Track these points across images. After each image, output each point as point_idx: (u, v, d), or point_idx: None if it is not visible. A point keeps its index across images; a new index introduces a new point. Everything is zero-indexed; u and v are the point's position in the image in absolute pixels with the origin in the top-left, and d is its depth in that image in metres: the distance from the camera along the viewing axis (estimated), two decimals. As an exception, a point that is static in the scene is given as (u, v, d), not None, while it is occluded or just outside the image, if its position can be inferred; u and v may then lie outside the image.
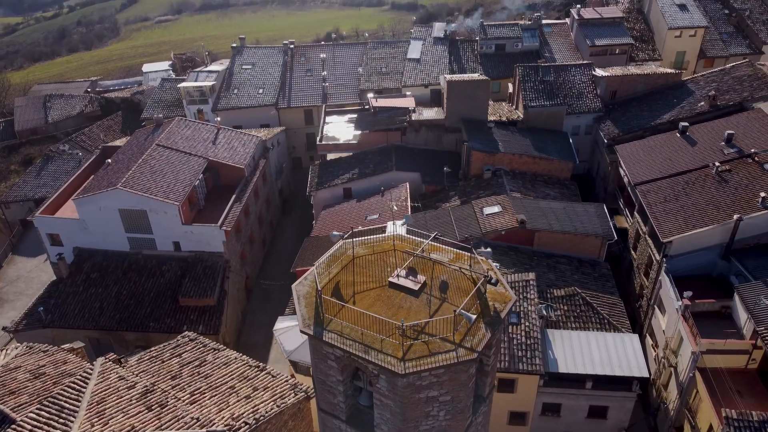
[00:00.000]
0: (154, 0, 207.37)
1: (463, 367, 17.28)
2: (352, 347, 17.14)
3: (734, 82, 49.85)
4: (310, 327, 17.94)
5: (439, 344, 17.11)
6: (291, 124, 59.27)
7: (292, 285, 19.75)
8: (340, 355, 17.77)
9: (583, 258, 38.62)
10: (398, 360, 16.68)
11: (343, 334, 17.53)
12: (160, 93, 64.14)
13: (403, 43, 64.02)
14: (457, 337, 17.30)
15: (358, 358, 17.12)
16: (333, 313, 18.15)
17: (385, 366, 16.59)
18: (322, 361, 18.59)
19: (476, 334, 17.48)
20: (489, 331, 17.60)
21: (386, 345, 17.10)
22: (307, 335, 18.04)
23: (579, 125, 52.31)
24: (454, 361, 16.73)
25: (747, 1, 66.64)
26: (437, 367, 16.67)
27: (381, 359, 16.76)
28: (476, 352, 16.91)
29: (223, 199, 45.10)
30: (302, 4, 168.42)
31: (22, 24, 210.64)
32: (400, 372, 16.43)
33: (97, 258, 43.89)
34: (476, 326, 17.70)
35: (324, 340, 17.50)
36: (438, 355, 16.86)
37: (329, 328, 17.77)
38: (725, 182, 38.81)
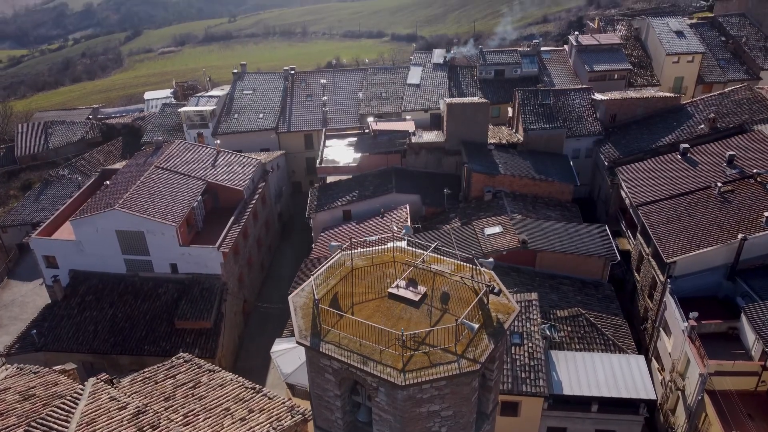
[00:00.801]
0: (157, 33, 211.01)
1: (466, 380, 16.63)
2: (350, 358, 16.52)
3: (733, 106, 49.95)
4: (307, 338, 17.35)
5: (440, 355, 16.50)
6: (291, 148, 59.27)
7: (289, 296, 19.24)
8: (337, 367, 17.13)
9: (586, 279, 38.03)
10: (398, 371, 16.05)
11: (341, 345, 16.93)
12: (160, 118, 64.36)
13: (403, 69, 64.51)
14: (459, 348, 16.70)
15: (357, 369, 16.49)
16: (331, 323, 17.58)
17: (384, 377, 15.95)
18: (320, 375, 17.93)
19: (479, 345, 16.88)
20: (492, 342, 17.00)
21: (385, 356, 16.49)
22: (303, 346, 17.45)
23: (579, 148, 52.25)
24: (456, 372, 16.10)
25: (743, 29, 67.35)
26: (438, 378, 16.03)
27: (380, 370, 16.12)
28: (479, 364, 16.29)
29: (222, 221, 44.69)
30: (303, 36, 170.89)
31: (27, 56, 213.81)
32: (400, 383, 15.79)
33: (92, 280, 43.28)
34: (479, 337, 17.11)
35: (321, 351, 16.89)
36: (439, 366, 16.24)
37: (327, 339, 17.18)
38: (728, 202, 38.46)
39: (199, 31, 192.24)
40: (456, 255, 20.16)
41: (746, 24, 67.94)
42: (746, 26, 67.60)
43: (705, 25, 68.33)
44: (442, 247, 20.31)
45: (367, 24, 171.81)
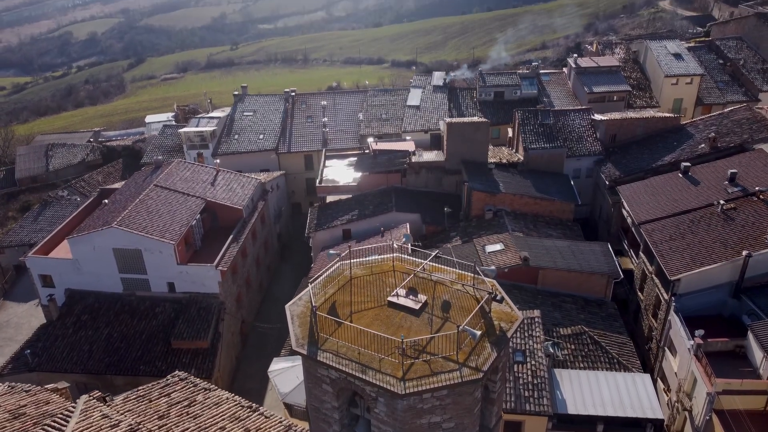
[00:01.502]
0: (160, 60, 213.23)
1: (468, 389, 16.07)
2: (348, 367, 16.00)
3: (733, 125, 49.97)
4: (304, 346, 16.84)
5: (441, 364, 15.98)
6: (291, 169, 59.19)
7: (286, 305, 18.77)
8: (335, 377, 16.58)
9: (588, 297, 37.48)
10: (398, 380, 15.52)
11: (339, 353, 16.42)
12: (160, 139, 64.44)
13: (403, 91, 64.82)
14: (461, 356, 16.18)
15: (355, 378, 15.95)
16: (328, 332, 17.09)
17: (384, 386, 15.40)
18: (317, 386, 17.37)
19: (481, 354, 16.36)
20: (495, 350, 16.50)
21: (385, 364, 15.96)
22: (300, 355, 16.92)
23: (579, 168, 52.12)
24: (458, 380, 15.56)
25: (741, 52, 67.85)
26: (440, 387, 15.48)
27: (379, 379, 15.59)
28: (482, 372, 15.76)
29: (220, 240, 44.30)
30: (305, 63, 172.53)
31: (30, 83, 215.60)
32: (400, 392, 15.24)
33: (89, 300, 42.71)
34: (481, 345, 16.61)
35: (318, 360, 16.37)
36: (441, 374, 15.71)
37: (324, 347, 16.67)
38: (731, 220, 38.12)
39: (202, 58, 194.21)
40: (457, 263, 19.74)
41: (743, 47, 68.48)
42: (743, 49, 68.13)
43: (702, 48, 68.86)
44: (442, 255, 19.93)
45: (368, 51, 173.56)
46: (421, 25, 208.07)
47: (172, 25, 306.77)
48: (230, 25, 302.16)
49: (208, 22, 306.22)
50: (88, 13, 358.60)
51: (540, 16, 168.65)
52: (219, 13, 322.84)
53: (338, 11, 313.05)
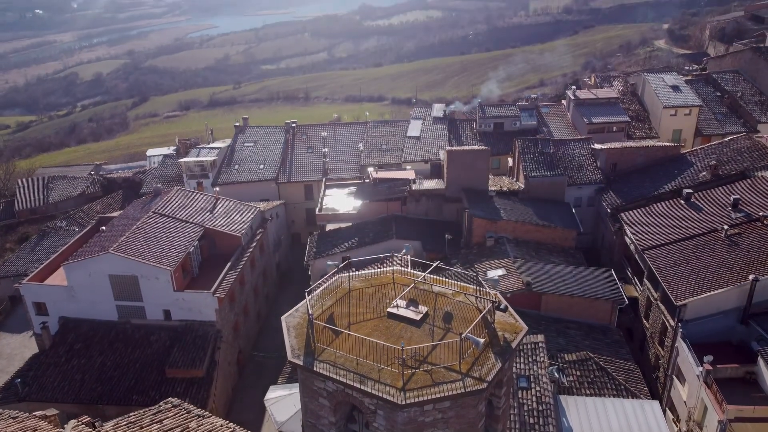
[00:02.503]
0: (163, 99, 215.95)
1: (472, 401, 15.35)
2: (345, 377, 15.32)
3: (734, 154, 49.92)
4: (300, 357, 16.18)
5: (443, 374, 15.31)
6: (291, 198, 58.97)
7: (282, 317, 18.16)
8: (333, 389, 15.87)
9: (593, 324, 36.64)
10: (398, 390, 14.83)
11: (337, 363, 15.76)
12: (161, 169, 64.47)
13: (403, 122, 65.11)
14: (463, 366, 15.53)
15: (353, 389, 15.25)
16: (326, 342, 16.46)
17: (383, 396, 14.71)
18: (313, 400, 16.62)
19: (485, 364, 15.70)
20: (499, 361, 15.83)
21: (384, 374, 15.29)
22: (296, 366, 16.23)
23: (581, 197, 51.86)
24: (461, 391, 14.86)
25: (738, 84, 68.46)
26: (442, 397, 14.78)
27: (378, 389, 14.90)
28: (485, 382, 15.07)
29: (218, 268, 43.65)
30: (306, 101, 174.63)
31: (35, 122, 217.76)
32: (400, 402, 14.53)
33: (82, 328, 41.83)
34: (485, 355, 15.95)
35: (315, 371, 15.69)
36: (443, 384, 15.02)
37: (321, 358, 16.02)
38: (736, 245, 37.60)
39: (205, 97, 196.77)
40: (459, 274, 19.21)
41: (740, 80, 69.14)
42: (740, 82, 68.77)
43: (700, 81, 69.53)
44: (443, 266, 19.40)
45: (368, 89, 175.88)
46: (422, 64, 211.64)
47: (176, 66, 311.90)
48: (233, 66, 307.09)
49: (212, 63, 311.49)
50: (95, 55, 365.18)
51: (538, 56, 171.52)
52: (223, 54, 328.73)
53: (339, 52, 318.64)
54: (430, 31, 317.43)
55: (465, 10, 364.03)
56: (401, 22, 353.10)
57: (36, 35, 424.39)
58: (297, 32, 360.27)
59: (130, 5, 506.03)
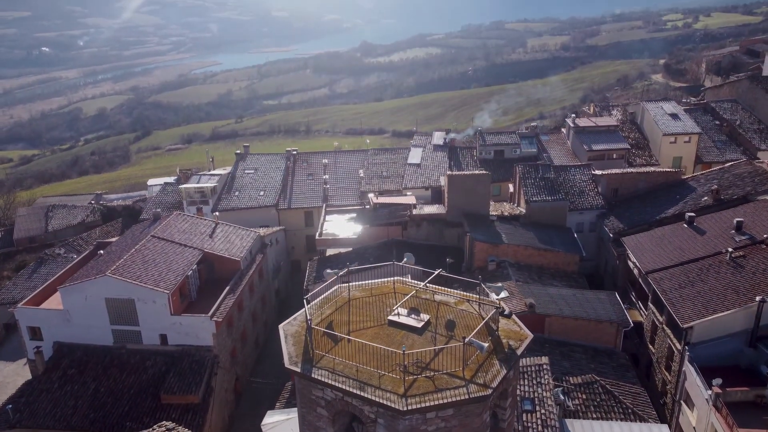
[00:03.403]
0: (166, 132, 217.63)
1: (476, 409, 14.75)
2: (345, 384, 14.76)
3: (735, 179, 49.81)
4: (298, 364, 15.64)
5: (446, 380, 14.76)
6: (291, 225, 58.69)
7: (280, 325, 17.66)
8: (331, 398, 15.28)
9: (598, 347, 35.90)
10: (399, 396, 14.26)
11: (336, 370, 15.21)
12: (161, 196, 64.37)
13: (404, 150, 65.34)
14: (467, 373, 14.98)
15: (352, 397, 14.67)
16: (325, 349, 15.94)
17: (384, 402, 14.13)
18: (311, 411, 16.00)
19: (490, 371, 15.15)
20: (504, 367, 15.28)
21: (385, 381, 14.74)
22: (293, 373, 15.68)
23: (582, 222, 51.57)
24: (465, 397, 14.29)
25: (736, 113, 68.89)
26: (445, 404, 14.20)
27: (379, 396, 14.33)
28: (490, 388, 14.51)
29: (217, 293, 43.04)
30: (307, 134, 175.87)
31: (37, 155, 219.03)
32: (401, 408, 13.95)
33: (77, 353, 41.01)
34: (489, 362, 15.41)
35: (313, 378, 15.13)
36: (446, 391, 14.46)
37: (320, 365, 15.48)
38: (741, 267, 37.10)
39: (207, 131, 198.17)
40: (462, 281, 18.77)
41: (739, 109, 69.59)
42: (739, 111, 69.20)
43: (698, 109, 69.98)
44: (445, 273, 18.96)
45: (369, 123, 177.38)
46: (421, 99, 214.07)
47: (179, 101, 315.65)
48: (236, 102, 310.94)
49: (215, 98, 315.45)
50: (99, 91, 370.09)
51: (536, 90, 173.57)
52: (226, 90, 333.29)
53: (340, 88, 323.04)
54: (429, 67, 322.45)
55: (464, 47, 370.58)
56: (401, 59, 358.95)
57: (42, 72, 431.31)
58: (299, 69, 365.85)
59: (135, 43, 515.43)
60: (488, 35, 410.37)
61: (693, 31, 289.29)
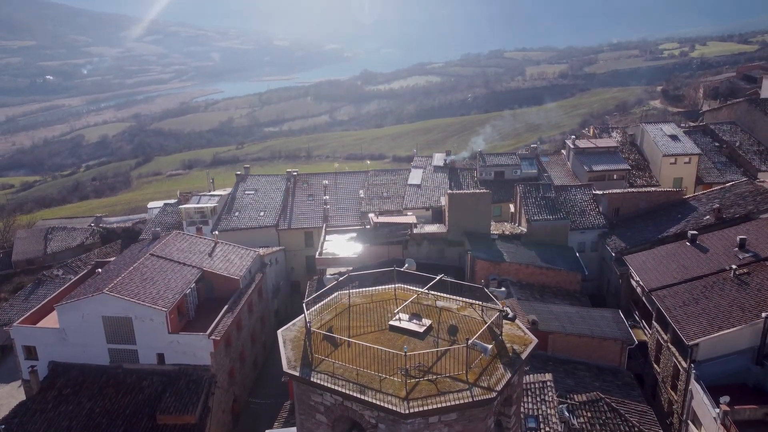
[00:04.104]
0: (167, 159, 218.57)
1: (480, 414, 14.31)
2: (345, 387, 14.34)
3: (736, 198, 49.69)
4: (297, 368, 15.24)
5: (449, 383, 14.35)
6: (291, 245, 58.38)
7: (278, 330, 17.28)
8: (330, 403, 14.85)
9: (602, 365, 35.29)
10: (401, 399, 13.84)
11: (336, 374, 14.81)
12: (161, 216, 64.21)
13: (404, 171, 65.38)
14: (470, 376, 14.58)
15: (352, 401, 14.25)
16: (324, 353, 15.55)
17: (385, 406, 13.71)
18: (310, 417, 15.54)
19: (494, 374, 14.76)
20: (509, 371, 14.88)
21: (386, 384, 14.34)
22: (292, 378, 15.26)
23: (584, 242, 51.29)
24: (469, 400, 13.86)
25: (735, 135, 69.11)
26: (449, 407, 13.78)
27: (380, 399, 13.91)
28: (495, 391, 14.09)
29: (215, 312, 42.52)
30: (308, 159, 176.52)
31: (39, 181, 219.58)
32: (403, 412, 13.52)
33: (72, 373, 40.33)
34: (493, 366, 15.02)
35: (311, 381, 14.72)
36: (449, 394, 14.04)
37: (319, 369, 15.08)
38: (745, 284, 36.73)
39: (208, 157, 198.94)
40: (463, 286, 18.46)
41: (738, 131, 69.85)
42: (738, 132, 69.45)
43: (698, 131, 70.25)
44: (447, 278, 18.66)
45: (369, 148, 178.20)
46: (422, 125, 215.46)
47: (181, 128, 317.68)
48: (237, 129, 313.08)
49: (216, 125, 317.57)
50: (101, 118, 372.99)
51: (536, 115, 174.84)
52: (227, 117, 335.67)
53: (341, 115, 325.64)
54: (430, 95, 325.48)
55: (464, 75, 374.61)
56: (402, 87, 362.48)
57: (45, 99, 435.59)
58: (299, 96, 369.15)
59: (138, 71, 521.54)
60: (487, 63, 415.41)
61: (690, 59, 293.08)
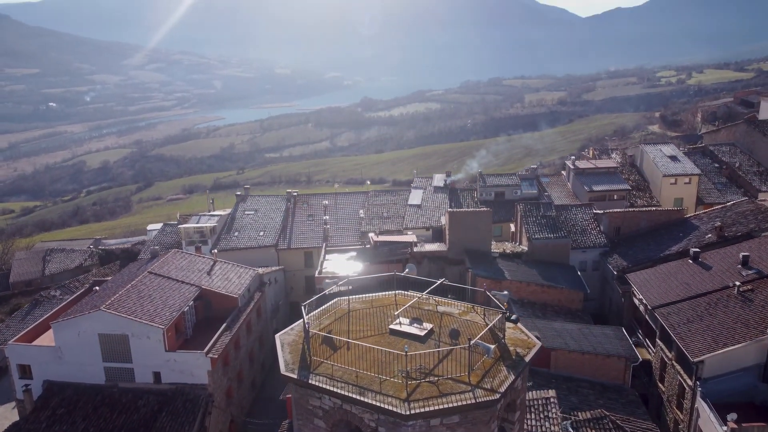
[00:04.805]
0: (167, 184, 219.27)
1: (483, 417, 13.89)
2: (344, 389, 13.96)
3: (738, 217, 49.51)
4: (294, 371, 14.86)
5: (451, 385, 13.98)
6: (290, 266, 57.97)
7: (276, 335, 16.92)
8: (329, 407, 14.45)
9: (606, 383, 34.66)
10: (401, 401, 13.46)
11: (335, 376, 14.44)
12: (160, 236, 63.94)
13: (404, 191, 65.34)
14: (473, 378, 14.21)
15: (352, 403, 13.85)
16: (323, 356, 15.18)
17: (385, 407, 13.31)
18: (308, 423, 15.10)
19: (497, 376, 14.39)
20: (512, 373, 14.51)
21: (386, 386, 13.97)
22: (289, 381, 14.87)
23: (585, 261, 50.95)
24: (472, 401, 13.47)
25: (735, 156, 69.23)
26: (451, 408, 13.38)
27: (380, 401, 13.52)
28: (498, 393, 13.71)
29: (213, 330, 41.96)
30: (308, 184, 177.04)
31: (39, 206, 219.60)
32: (404, 413, 13.12)
33: (67, 392, 39.60)
34: (496, 368, 14.66)
35: (310, 384, 14.34)
36: (451, 396, 13.65)
37: (318, 371, 14.71)
38: (750, 301, 36.31)
39: (208, 182, 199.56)
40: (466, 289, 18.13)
41: (737, 152, 70.01)
42: (737, 154, 69.59)
43: (697, 153, 70.40)
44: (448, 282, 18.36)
45: (369, 173, 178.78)
46: (421, 150, 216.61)
47: (182, 154, 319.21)
48: (238, 155, 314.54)
49: (217, 151, 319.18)
50: (103, 144, 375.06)
51: (535, 141, 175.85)
52: (228, 143, 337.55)
53: (341, 141, 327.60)
54: (429, 121, 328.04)
55: (463, 102, 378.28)
56: (402, 114, 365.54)
57: (48, 126, 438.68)
58: (300, 123, 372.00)
59: (141, 98, 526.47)
60: (486, 91, 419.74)
61: (687, 86, 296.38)
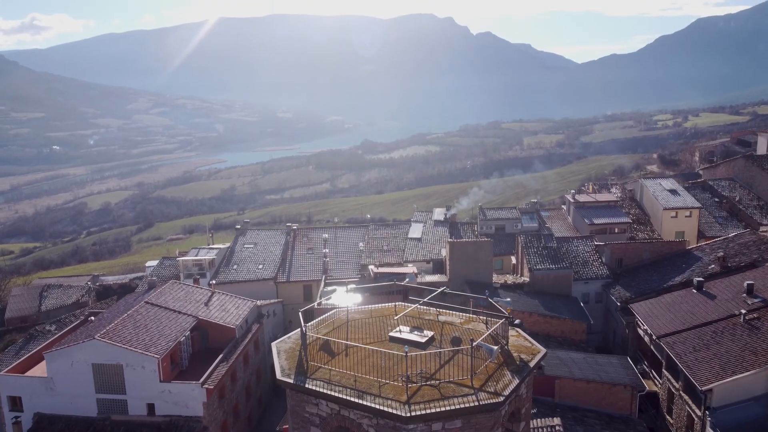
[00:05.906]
0: (168, 224, 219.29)
1: (486, 422, 13.32)
2: (342, 393, 13.43)
3: (740, 248, 49.19)
4: (291, 376, 14.34)
5: (453, 389, 13.46)
6: (289, 299, 57.22)
7: (273, 343, 16.42)
8: (326, 413, 13.88)
9: (613, 413, 33.66)
10: (401, 404, 12.92)
11: (332, 381, 13.92)
12: (158, 269, 63.39)
13: (404, 225, 65.15)
14: (476, 382, 13.70)
15: (350, 408, 13.31)
16: (321, 361, 14.69)
17: (384, 410, 12.77)
18: (304, 430, 14.48)
19: (500, 380, 13.87)
20: (516, 377, 14.00)
21: (386, 389, 13.45)
22: (285, 386, 14.33)
23: (588, 292, 50.36)
24: (475, 404, 12.93)
25: (734, 190, 69.33)
26: (453, 410, 12.83)
27: (379, 403, 12.99)
28: (502, 396, 13.17)
29: (209, 362, 41.08)
30: (308, 224, 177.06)
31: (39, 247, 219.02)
32: (404, 415, 12.57)
33: (58, 425, 38.43)
34: (500, 372, 14.16)
35: (306, 388, 13.81)
36: (453, 399, 13.12)
37: (315, 376, 14.20)
38: (756, 329, 35.70)
39: (209, 222, 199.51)
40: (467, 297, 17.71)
41: (737, 186, 70.13)
42: (737, 188, 69.70)
43: (697, 188, 70.48)
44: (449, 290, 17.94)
45: (369, 212, 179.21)
46: (421, 191, 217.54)
47: (183, 196, 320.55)
48: (239, 196, 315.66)
49: (218, 193, 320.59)
50: (105, 187, 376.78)
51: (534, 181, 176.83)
52: (229, 185, 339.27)
53: (342, 183, 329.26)
54: (429, 163, 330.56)
55: (462, 145, 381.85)
56: (401, 156, 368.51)
57: (51, 169, 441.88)
58: (301, 165, 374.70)
59: (144, 142, 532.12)
60: (485, 134, 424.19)
61: (683, 129, 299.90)
